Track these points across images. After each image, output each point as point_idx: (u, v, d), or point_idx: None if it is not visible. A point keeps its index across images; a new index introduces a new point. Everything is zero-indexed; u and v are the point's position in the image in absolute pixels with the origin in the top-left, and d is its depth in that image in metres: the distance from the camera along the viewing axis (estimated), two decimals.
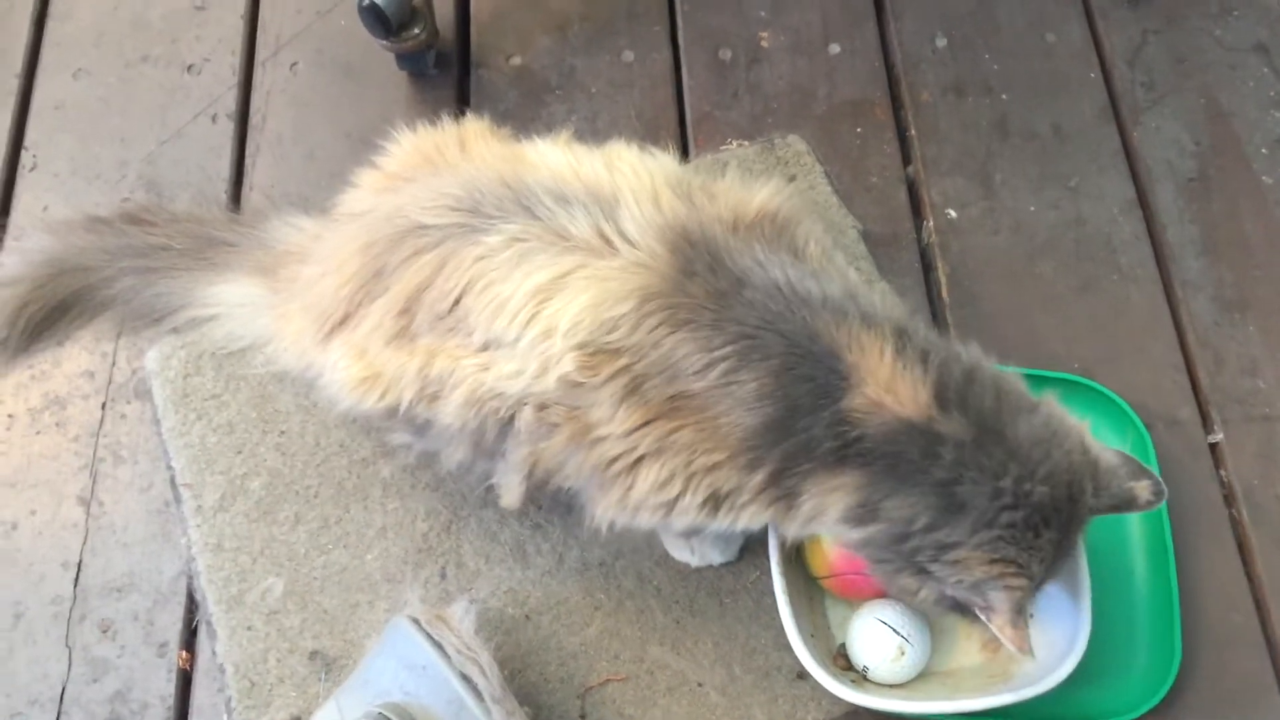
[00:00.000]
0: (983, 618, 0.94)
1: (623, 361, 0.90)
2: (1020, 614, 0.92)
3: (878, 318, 0.92)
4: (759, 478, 0.92)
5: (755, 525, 0.97)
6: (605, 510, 0.97)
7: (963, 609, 0.96)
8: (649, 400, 0.91)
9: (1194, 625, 1.12)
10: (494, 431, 0.96)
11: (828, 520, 0.93)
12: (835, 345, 0.90)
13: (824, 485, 0.92)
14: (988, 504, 0.89)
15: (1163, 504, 1.12)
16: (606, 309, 0.90)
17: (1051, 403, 0.95)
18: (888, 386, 0.89)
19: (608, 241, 0.92)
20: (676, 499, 0.94)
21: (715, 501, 0.94)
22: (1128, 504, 0.96)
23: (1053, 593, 1.03)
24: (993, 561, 0.90)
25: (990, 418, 0.90)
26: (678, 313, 0.90)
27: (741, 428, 0.90)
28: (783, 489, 0.93)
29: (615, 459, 0.93)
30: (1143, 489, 0.95)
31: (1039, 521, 0.90)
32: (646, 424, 0.91)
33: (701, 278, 0.91)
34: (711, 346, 0.90)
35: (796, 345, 0.90)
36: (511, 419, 0.94)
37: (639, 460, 0.93)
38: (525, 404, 0.93)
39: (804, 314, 0.90)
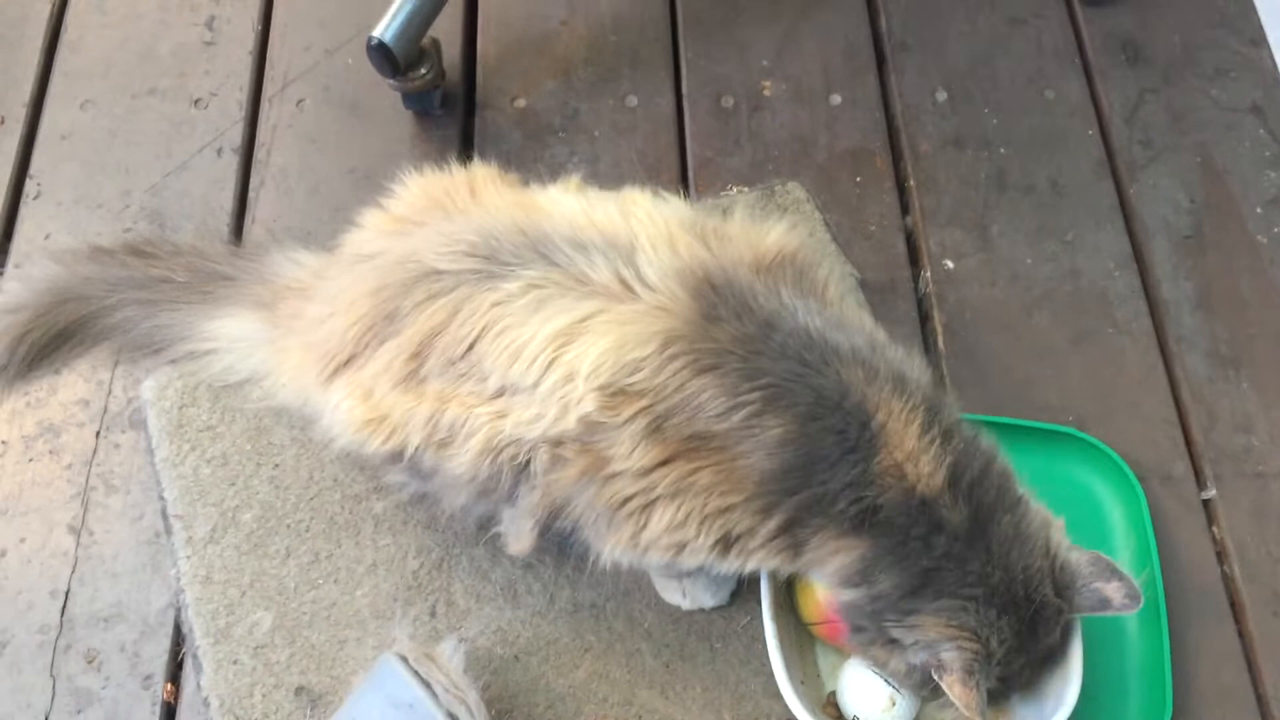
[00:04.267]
0: (936, 678, 0.93)
1: (644, 403, 0.90)
2: (971, 675, 0.91)
3: (909, 384, 0.92)
4: (771, 525, 0.92)
5: (761, 569, 0.97)
6: (613, 548, 0.97)
7: (930, 684, 0.96)
8: (669, 438, 0.90)
9: (1185, 683, 1.12)
10: (509, 479, 0.95)
11: (824, 572, 0.95)
12: (865, 403, 0.90)
13: (832, 544, 0.92)
14: (957, 584, 0.92)
15: (1155, 562, 1.14)
16: (628, 352, 0.90)
17: (1028, 499, 0.97)
18: (912, 457, 0.90)
19: (627, 286, 0.92)
20: (689, 540, 0.94)
21: (726, 543, 0.94)
22: (1101, 605, 0.96)
23: None
24: (949, 625, 0.92)
25: (985, 512, 0.92)
26: (702, 357, 0.90)
27: (759, 471, 0.90)
28: (793, 538, 0.93)
29: (630, 498, 0.93)
30: (1114, 591, 0.95)
31: (999, 605, 0.92)
32: (665, 462, 0.91)
33: (727, 322, 0.91)
34: (738, 391, 0.89)
35: (826, 398, 0.90)
36: (527, 465, 0.94)
37: (654, 501, 0.92)
38: (541, 446, 0.93)
39: (836, 367, 0.91)
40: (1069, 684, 1.00)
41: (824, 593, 1.05)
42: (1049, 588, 0.94)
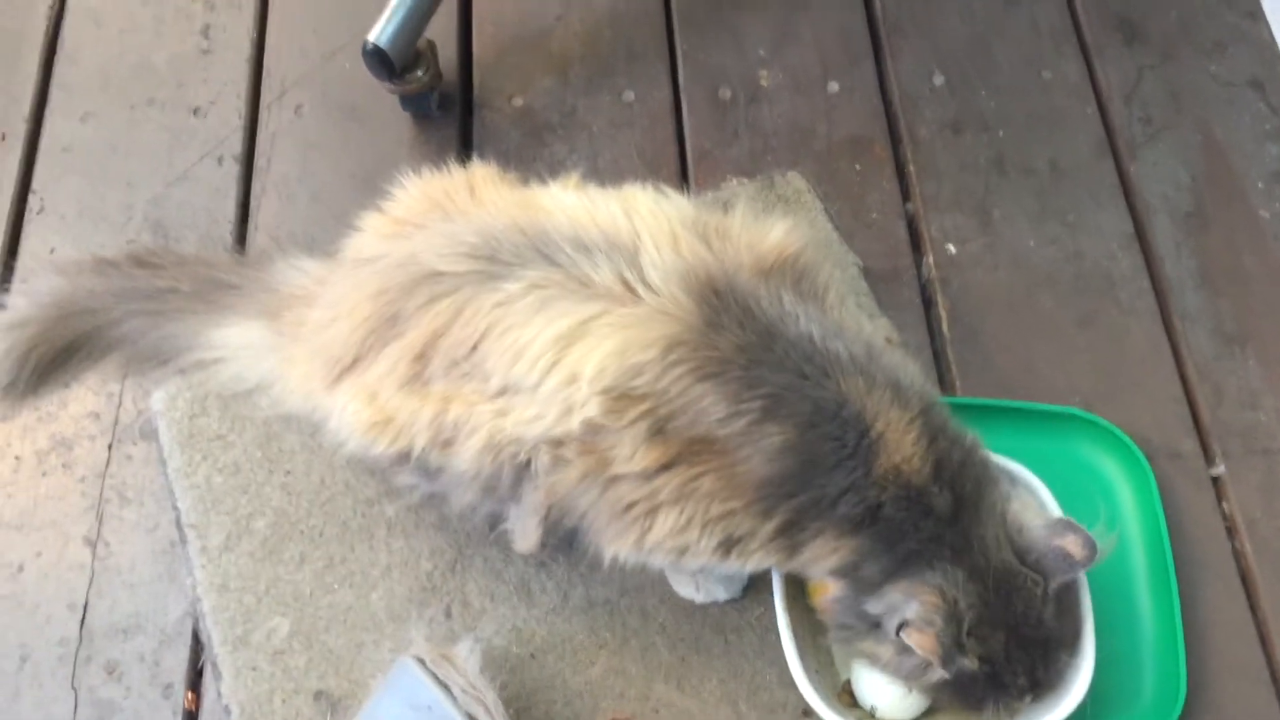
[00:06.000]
0: (905, 639, 0.93)
1: (647, 405, 0.91)
2: (930, 624, 0.92)
3: (905, 390, 0.94)
4: (770, 526, 0.93)
5: (761, 569, 0.98)
6: (619, 550, 0.98)
7: (917, 665, 0.96)
8: (670, 440, 0.91)
9: (1198, 659, 1.12)
10: (510, 477, 0.96)
11: (818, 569, 0.96)
12: (864, 412, 0.91)
13: (832, 544, 0.93)
14: (930, 557, 0.93)
15: (1165, 540, 1.14)
16: (631, 355, 0.90)
17: (1002, 483, 0.99)
18: (908, 459, 0.92)
19: (630, 289, 0.93)
20: (691, 544, 0.95)
21: (727, 546, 0.95)
22: (1066, 563, 0.96)
23: None
24: (913, 584, 0.93)
25: (966, 500, 0.94)
26: (704, 365, 0.91)
27: (759, 476, 0.91)
28: (790, 539, 0.94)
29: (634, 503, 0.93)
30: (1071, 545, 0.95)
31: (967, 569, 0.93)
32: (667, 466, 0.92)
33: (729, 330, 0.92)
34: (739, 399, 0.90)
35: (823, 408, 0.91)
36: (528, 463, 0.94)
37: (658, 506, 0.93)
38: (541, 446, 0.93)
39: (836, 377, 0.92)
40: (1083, 663, 1.00)
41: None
42: (1009, 552, 0.95)
